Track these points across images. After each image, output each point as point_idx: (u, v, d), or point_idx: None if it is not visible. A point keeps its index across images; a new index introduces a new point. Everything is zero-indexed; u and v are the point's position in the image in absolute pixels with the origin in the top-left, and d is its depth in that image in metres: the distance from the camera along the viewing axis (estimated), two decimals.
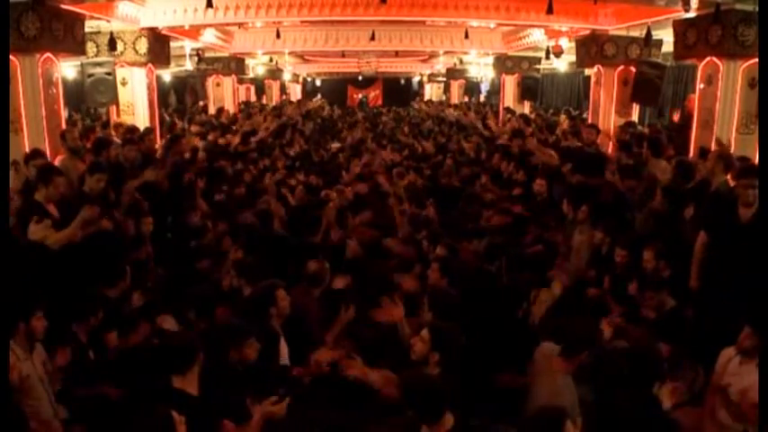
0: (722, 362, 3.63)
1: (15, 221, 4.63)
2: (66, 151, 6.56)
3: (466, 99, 22.83)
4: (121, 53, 9.12)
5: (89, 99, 9.30)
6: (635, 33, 9.59)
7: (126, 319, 3.95)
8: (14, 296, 3.33)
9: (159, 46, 9.63)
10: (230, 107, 14.77)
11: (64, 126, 7.36)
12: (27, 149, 6.37)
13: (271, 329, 3.81)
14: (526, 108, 15.57)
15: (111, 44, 8.66)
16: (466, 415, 2.96)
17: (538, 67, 15.09)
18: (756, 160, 6.01)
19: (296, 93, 27.17)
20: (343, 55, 17.32)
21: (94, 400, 3.49)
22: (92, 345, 3.82)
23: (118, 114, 9.62)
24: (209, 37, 11.69)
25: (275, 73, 20.48)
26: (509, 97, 15.82)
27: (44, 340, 3.51)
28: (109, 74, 8.95)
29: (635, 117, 10.39)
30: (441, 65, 21.98)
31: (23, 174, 5.63)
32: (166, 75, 17.08)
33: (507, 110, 15.11)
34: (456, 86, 22.51)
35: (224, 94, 15.09)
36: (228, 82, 15.09)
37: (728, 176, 5.51)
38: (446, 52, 16.26)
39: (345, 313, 4.17)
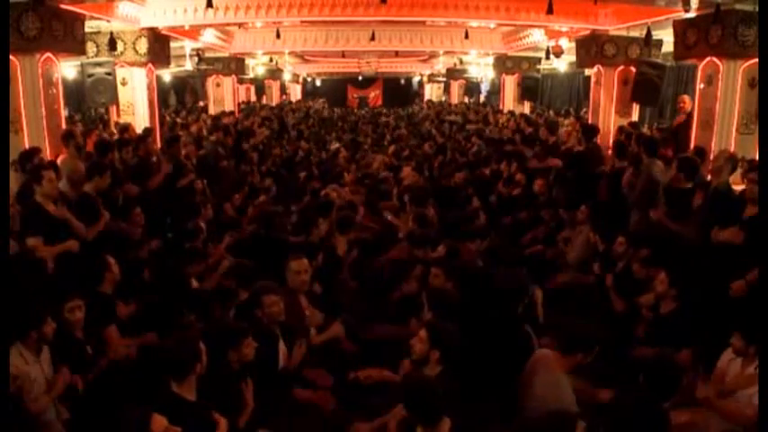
0: (724, 362, 3.64)
1: (18, 227, 4.64)
2: (73, 149, 6.57)
3: (466, 99, 22.84)
4: (121, 53, 9.12)
5: (89, 99, 9.29)
6: (635, 33, 9.58)
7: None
8: (25, 304, 3.35)
9: (159, 46, 9.62)
10: (230, 107, 14.78)
11: (64, 126, 7.35)
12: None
13: (269, 331, 3.81)
14: (526, 108, 15.57)
15: (111, 44, 8.66)
16: (465, 415, 2.97)
17: (538, 67, 15.09)
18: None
19: (296, 93, 27.18)
20: (343, 55, 17.32)
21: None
22: (89, 341, 3.82)
23: (118, 114, 9.62)
24: (209, 37, 11.69)
25: (275, 73, 20.49)
26: (509, 97, 15.83)
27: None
28: (109, 74, 8.94)
29: (635, 117, 10.39)
30: (441, 65, 21.99)
31: (22, 176, 5.62)
32: (166, 75, 17.09)
33: (502, 111, 15.15)
34: (456, 86, 22.51)
35: (224, 94, 15.09)
36: (228, 82, 15.09)
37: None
38: (446, 52, 16.26)
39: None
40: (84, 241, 4.85)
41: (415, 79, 31.33)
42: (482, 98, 23.53)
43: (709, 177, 5.77)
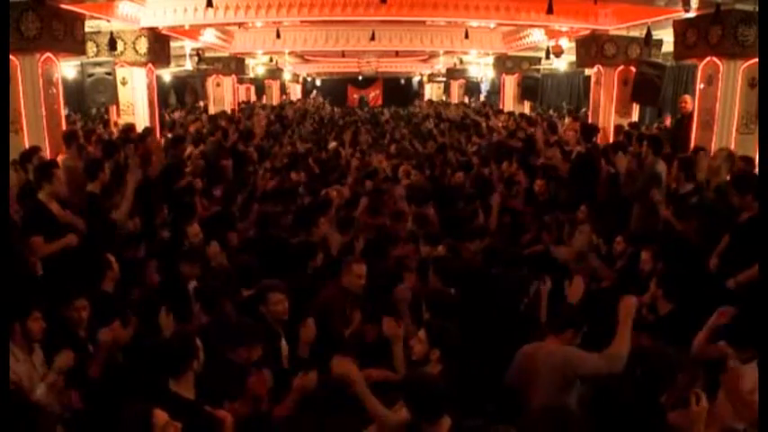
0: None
1: (19, 225, 4.63)
2: (75, 150, 6.56)
3: (466, 99, 22.85)
4: (121, 53, 9.13)
5: (89, 99, 9.31)
6: (635, 33, 9.59)
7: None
8: (10, 297, 3.33)
9: (159, 46, 9.63)
10: (230, 107, 14.79)
11: (64, 126, 7.37)
12: None
13: (271, 329, 3.81)
14: (526, 108, 15.57)
15: (111, 44, 8.67)
16: (465, 415, 2.97)
17: (538, 67, 15.11)
18: (756, 160, 6.03)
19: (296, 93, 27.19)
20: (343, 55, 17.33)
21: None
22: (91, 341, 3.81)
23: (118, 114, 9.63)
24: (209, 37, 11.70)
25: (275, 73, 20.51)
26: (509, 97, 15.84)
27: (43, 340, 3.50)
28: (109, 74, 8.96)
29: (635, 117, 10.40)
30: (441, 65, 21.99)
31: (22, 176, 5.62)
32: (166, 75, 17.09)
33: (502, 111, 15.16)
34: (456, 86, 22.52)
35: (224, 94, 15.10)
36: (228, 82, 15.11)
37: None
38: (446, 52, 16.27)
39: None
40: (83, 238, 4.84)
41: (415, 79, 31.35)
42: (482, 98, 23.53)
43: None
